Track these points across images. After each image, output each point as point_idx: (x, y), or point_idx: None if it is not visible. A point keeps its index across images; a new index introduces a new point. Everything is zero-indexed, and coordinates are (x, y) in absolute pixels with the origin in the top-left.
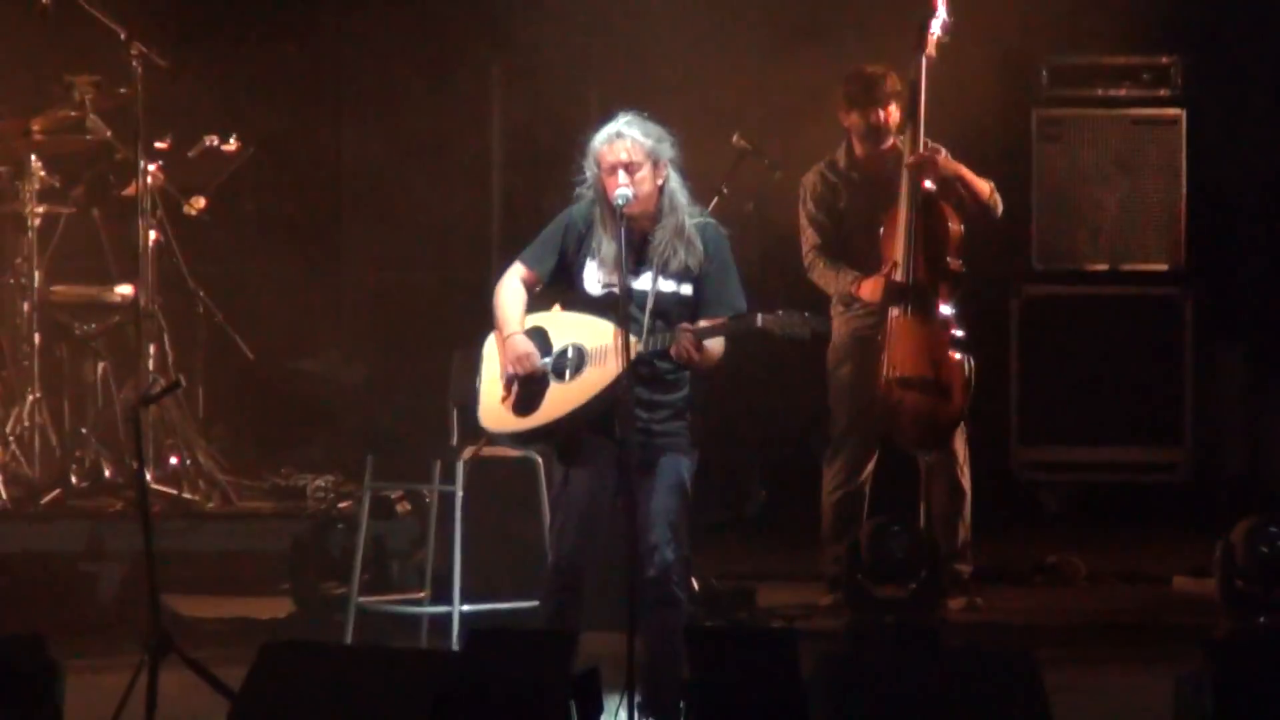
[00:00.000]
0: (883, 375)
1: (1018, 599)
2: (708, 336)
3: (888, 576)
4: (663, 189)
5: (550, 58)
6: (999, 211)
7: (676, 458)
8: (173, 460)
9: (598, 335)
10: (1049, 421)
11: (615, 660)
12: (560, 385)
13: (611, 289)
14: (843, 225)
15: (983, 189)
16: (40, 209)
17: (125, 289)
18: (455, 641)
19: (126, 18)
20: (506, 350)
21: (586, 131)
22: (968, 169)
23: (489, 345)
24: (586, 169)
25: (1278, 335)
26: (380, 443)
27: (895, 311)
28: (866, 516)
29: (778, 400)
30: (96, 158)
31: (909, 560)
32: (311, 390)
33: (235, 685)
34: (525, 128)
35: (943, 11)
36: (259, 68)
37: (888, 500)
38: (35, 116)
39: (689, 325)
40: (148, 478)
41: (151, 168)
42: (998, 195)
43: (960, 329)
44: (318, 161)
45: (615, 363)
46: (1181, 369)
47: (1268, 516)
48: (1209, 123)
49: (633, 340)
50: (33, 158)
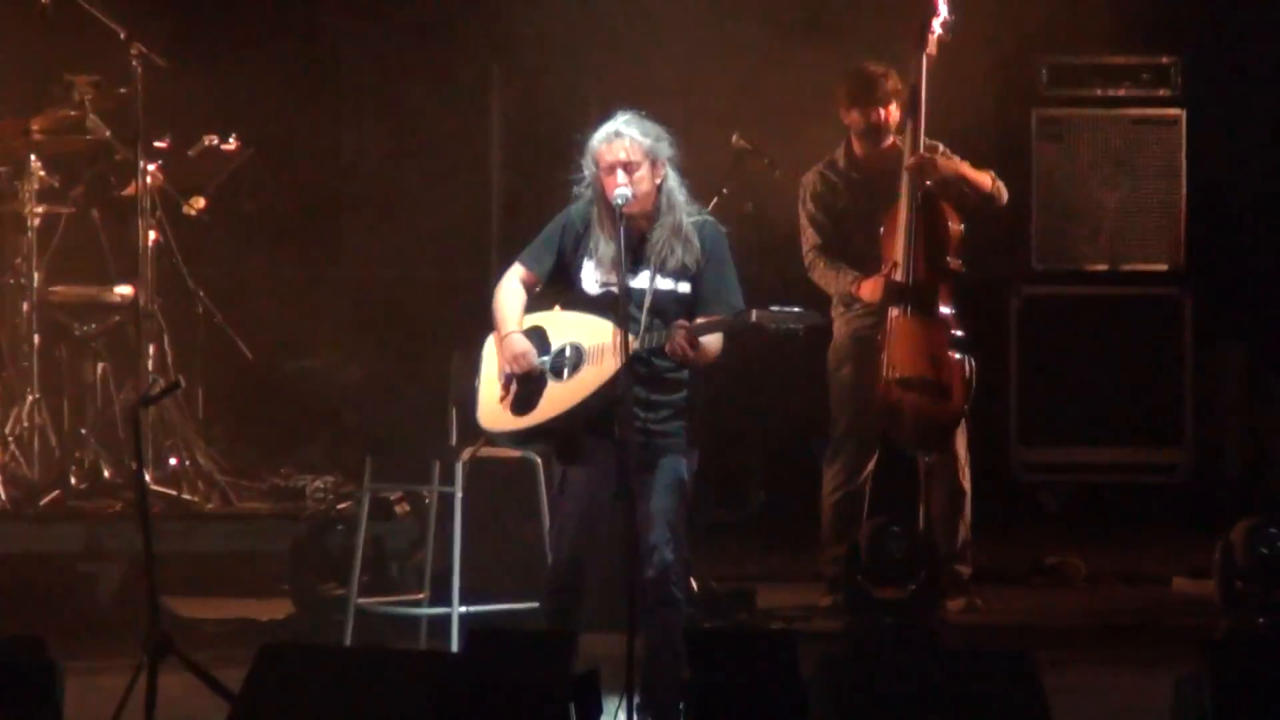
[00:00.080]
0: (883, 375)
1: (1017, 600)
2: (702, 333)
3: (887, 578)
4: (660, 188)
5: (550, 58)
6: (1004, 198)
7: (676, 458)
8: (172, 461)
9: (595, 334)
10: (1049, 422)
11: (615, 661)
12: (558, 384)
13: (609, 288)
14: (843, 225)
15: (984, 181)
16: (40, 209)
17: (125, 289)
18: (455, 642)
19: (126, 17)
20: (504, 349)
21: (586, 131)
22: (966, 163)
23: (488, 346)
24: (584, 168)
25: (1278, 335)
26: (379, 443)
27: (895, 311)
28: (866, 517)
29: (778, 401)
30: (96, 158)
31: (908, 561)
32: (311, 390)
33: (235, 686)
34: (525, 128)
35: (944, 10)
36: (259, 68)
37: (887, 501)
38: (35, 116)
39: (684, 322)
40: (147, 478)
41: (151, 168)
42: (1000, 183)
43: (960, 329)
44: (318, 161)
45: (612, 361)
46: (1181, 369)
47: (1268, 517)
48: (1209, 123)
49: (630, 338)
50: (32, 158)
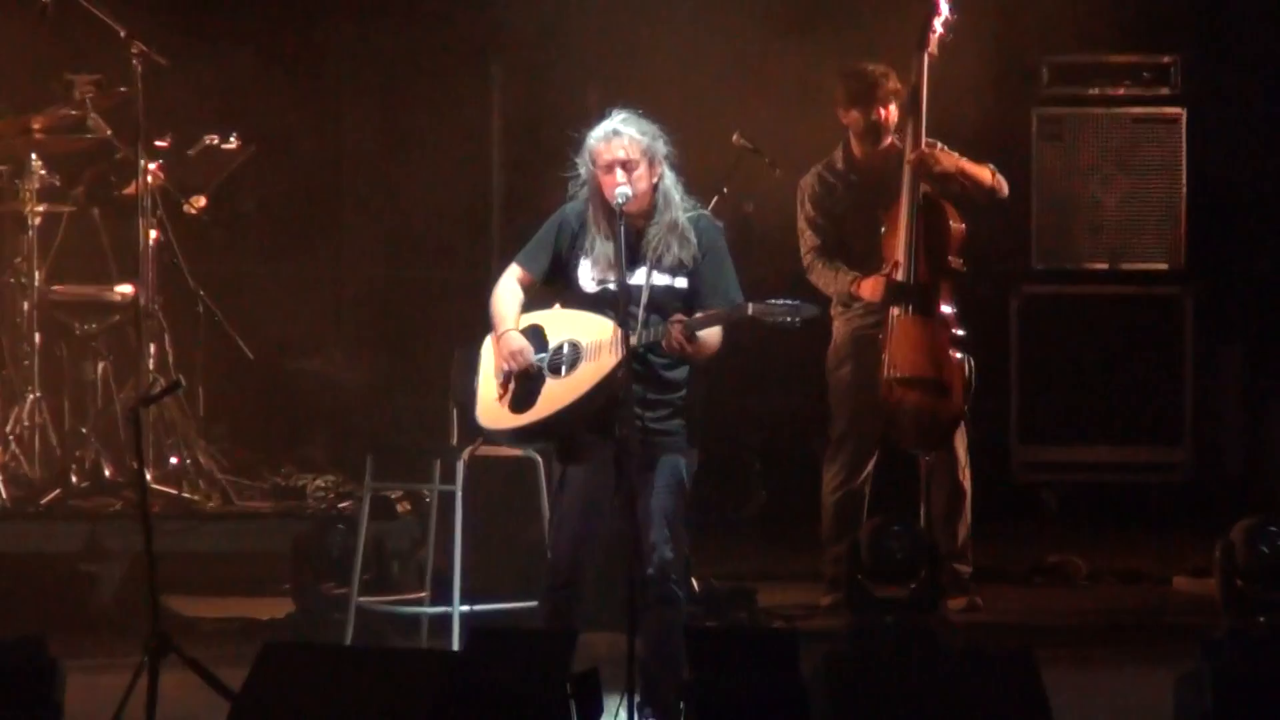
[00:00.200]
0: (883, 375)
1: (1018, 599)
2: (699, 327)
3: (888, 577)
4: (657, 186)
5: (550, 58)
6: (1005, 191)
7: (675, 457)
8: (173, 460)
9: (593, 331)
10: (1049, 421)
11: (614, 660)
12: (556, 381)
13: (606, 285)
14: (842, 227)
15: (984, 176)
16: (40, 208)
17: (125, 288)
18: (455, 641)
19: (126, 16)
20: (501, 347)
21: (584, 130)
22: (966, 160)
23: (486, 346)
24: (581, 167)
25: (1278, 335)
26: (380, 443)
27: (896, 311)
28: (866, 517)
29: (778, 401)
30: (97, 157)
31: (909, 560)
32: (312, 390)
33: (235, 685)
34: (525, 128)
35: (945, 9)
36: (259, 67)
37: (888, 500)
38: (35, 115)
39: (680, 316)
40: (148, 477)
41: (152, 167)
42: (1000, 176)
43: (961, 328)
44: (318, 161)
45: (610, 356)
46: (1181, 369)
47: (1268, 516)
48: (1209, 122)
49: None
50: (33, 157)
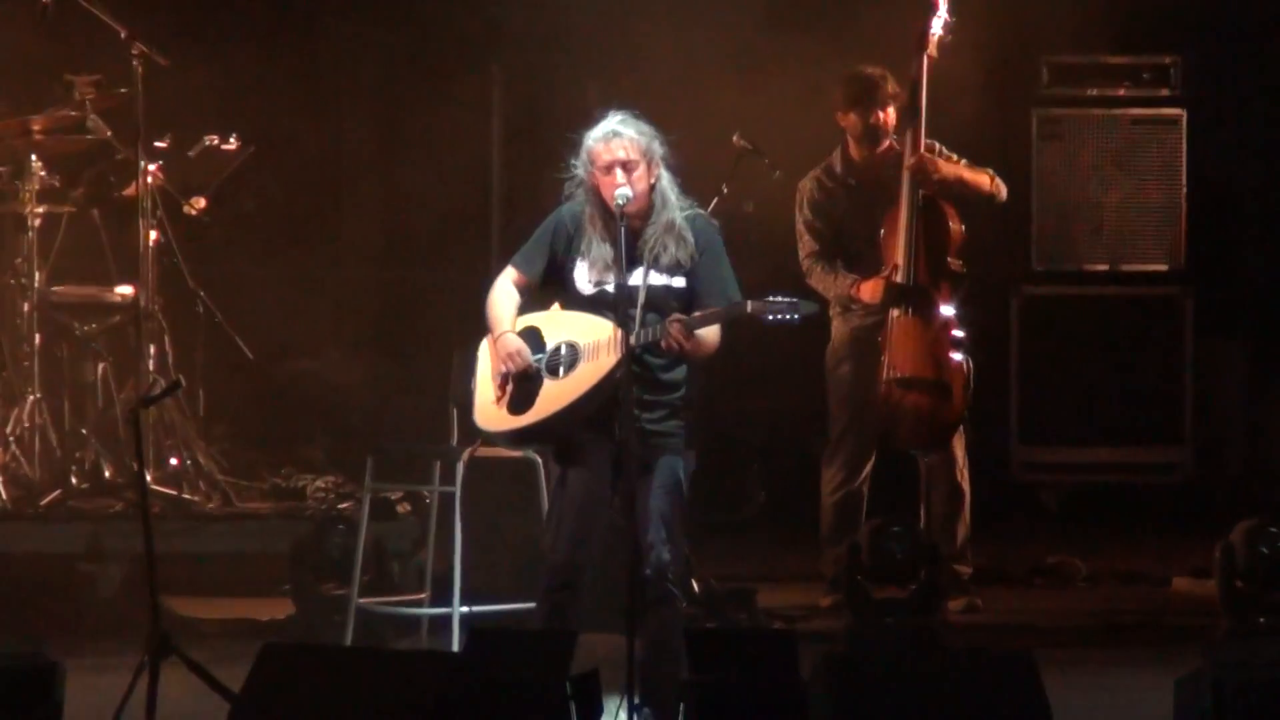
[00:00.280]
0: (883, 376)
1: (1017, 600)
2: (697, 326)
3: (888, 577)
4: (654, 186)
5: (550, 58)
6: (1003, 196)
7: (673, 457)
8: (173, 461)
9: (591, 331)
10: (1049, 421)
11: (613, 661)
12: (554, 382)
13: (603, 287)
14: (841, 232)
15: (982, 182)
16: (40, 209)
17: (125, 289)
18: (455, 642)
19: (126, 17)
20: (497, 349)
21: (581, 131)
22: (964, 165)
23: (483, 348)
24: (579, 168)
25: (1278, 335)
26: (380, 443)
27: (895, 312)
28: (866, 517)
29: (778, 401)
30: (97, 157)
31: (909, 561)
32: (312, 390)
33: (235, 686)
34: (525, 128)
35: (944, 11)
36: (259, 67)
37: (887, 501)
38: (36, 116)
39: (678, 315)
40: (148, 478)
41: (152, 167)
42: (999, 181)
43: (961, 329)
44: (318, 161)
45: (608, 357)
46: (1181, 369)
47: (1268, 517)
48: (1209, 123)
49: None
50: (33, 157)
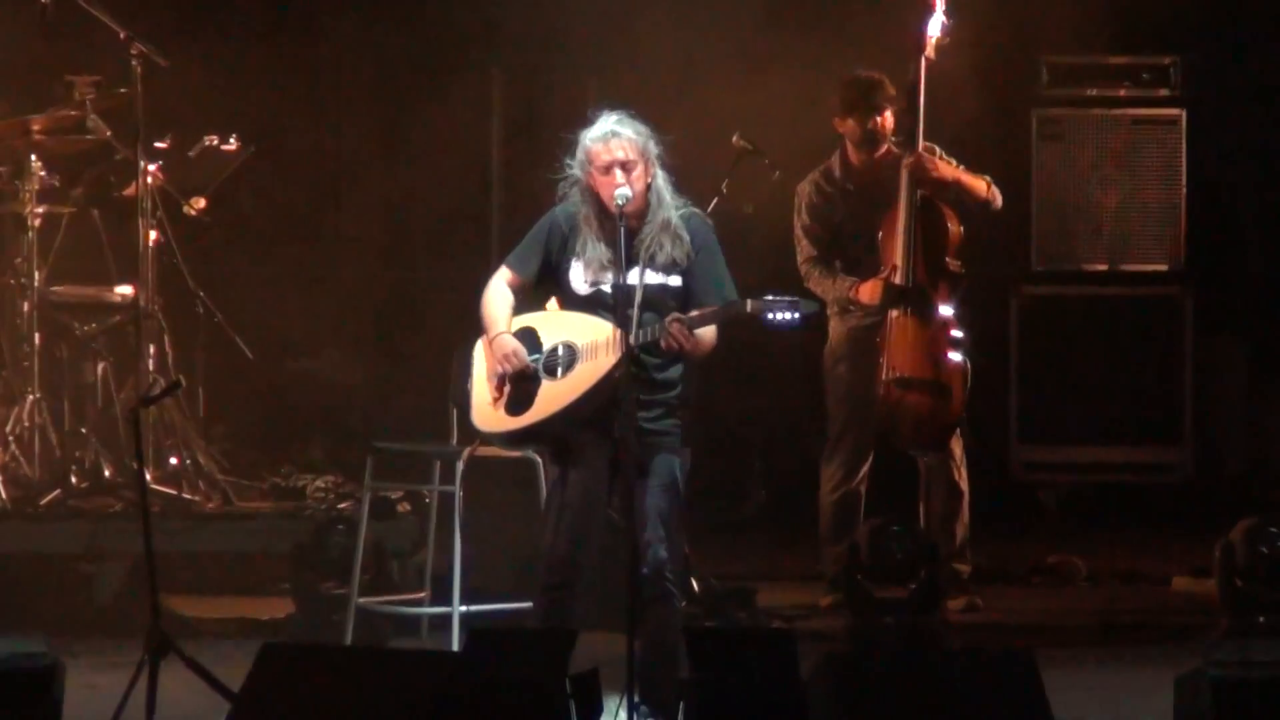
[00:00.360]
0: (882, 377)
1: (1017, 599)
2: (696, 325)
3: (887, 577)
4: (650, 185)
5: (550, 58)
6: (999, 204)
7: (669, 456)
8: (173, 460)
9: (588, 332)
10: (1049, 421)
11: (611, 660)
12: (552, 383)
13: (599, 287)
14: (840, 236)
15: (979, 187)
16: (40, 209)
17: (125, 289)
18: (455, 641)
19: (126, 17)
20: (494, 350)
21: (578, 133)
22: (963, 169)
23: (478, 349)
24: (576, 168)
25: (1278, 335)
26: (379, 443)
27: (894, 312)
28: (865, 517)
29: (777, 400)
30: (97, 158)
31: (909, 560)
32: (312, 390)
33: (235, 685)
34: (525, 127)
35: (941, 13)
36: (259, 68)
37: (886, 501)
38: (35, 116)
39: (678, 315)
40: (148, 478)
41: (152, 168)
42: (995, 189)
43: (959, 329)
44: (318, 161)
45: (606, 357)
46: (1181, 369)
47: (1268, 516)
48: (1209, 123)
49: (622, 335)
50: (33, 158)
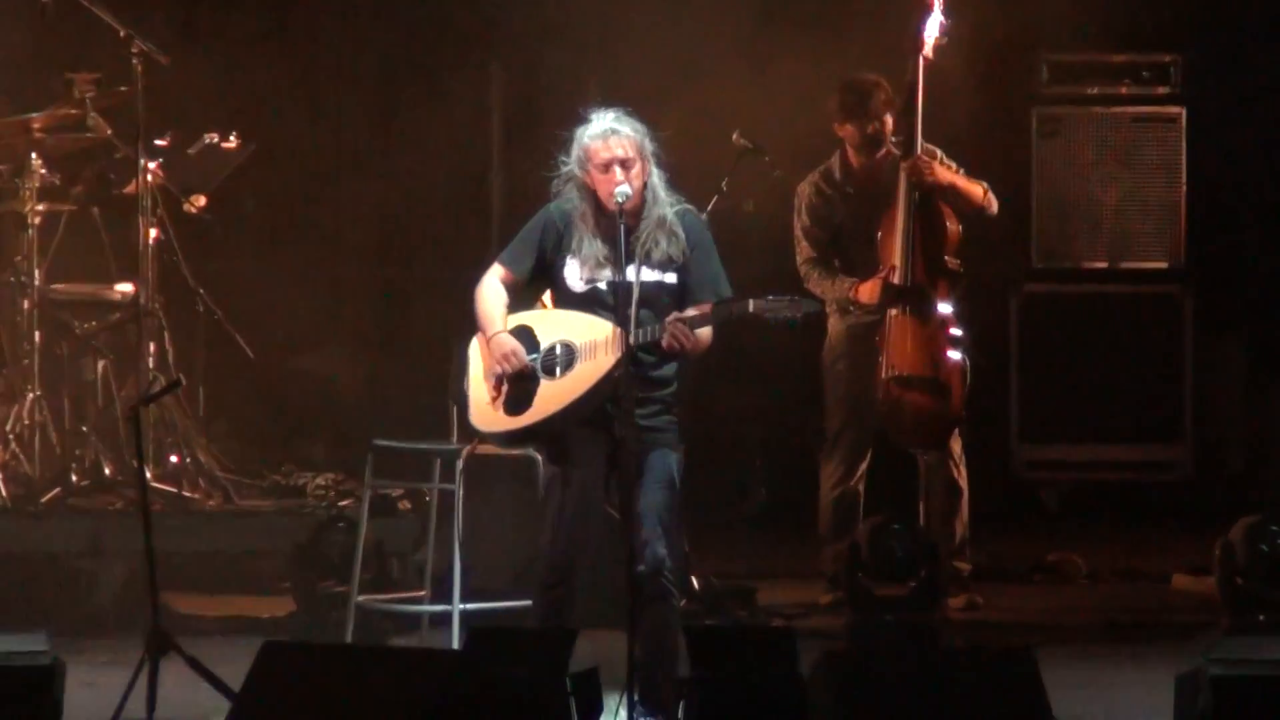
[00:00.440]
0: (881, 375)
1: (1018, 597)
2: (698, 325)
3: (888, 575)
4: (646, 183)
5: (550, 56)
6: (994, 210)
7: (665, 453)
8: (173, 459)
9: (586, 330)
10: (1049, 420)
11: (607, 658)
12: (551, 382)
13: (595, 284)
14: (839, 238)
15: (975, 192)
16: (40, 207)
17: (126, 287)
18: (456, 640)
19: (127, 15)
20: (492, 350)
21: (574, 130)
22: (961, 175)
23: (473, 348)
24: (575, 165)
25: (1278, 333)
26: (380, 441)
27: (894, 311)
28: (865, 515)
29: (777, 400)
30: (97, 156)
31: (909, 559)
32: (312, 388)
33: (235, 683)
34: (524, 126)
35: (939, 13)
36: (259, 66)
37: (886, 499)
38: (36, 114)
39: (679, 314)
40: (148, 476)
41: (152, 165)
42: (991, 195)
43: (959, 328)
44: (318, 159)
45: (606, 356)
46: (1181, 367)
47: (1268, 515)
48: (1209, 122)
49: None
50: (33, 156)
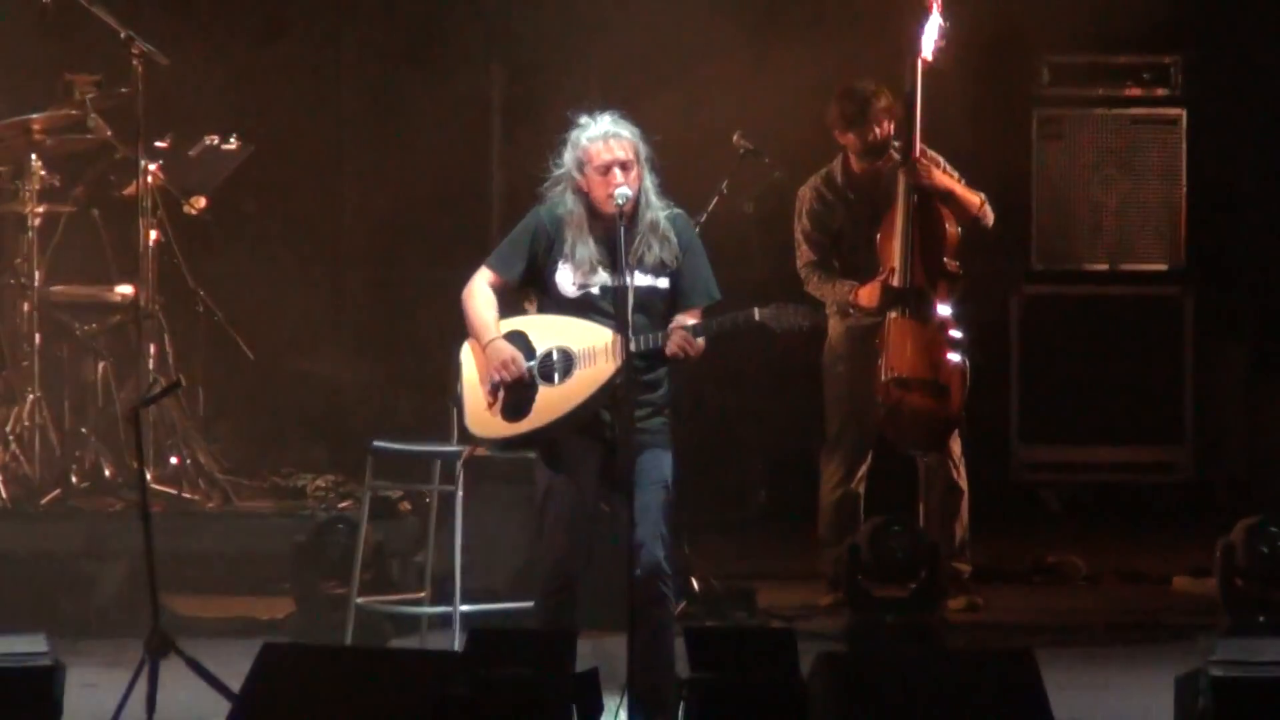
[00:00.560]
0: (881, 377)
1: (1017, 598)
2: (705, 334)
3: (888, 576)
4: (641, 186)
5: (550, 57)
6: (989, 223)
7: (657, 453)
8: (173, 460)
9: (583, 337)
10: (1049, 421)
11: (606, 659)
12: (551, 389)
13: (587, 289)
14: (840, 243)
15: (972, 202)
16: (40, 208)
17: (126, 289)
18: (456, 641)
19: (127, 17)
20: (489, 357)
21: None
22: (959, 183)
23: (465, 353)
24: (573, 168)
25: (1278, 335)
26: (379, 443)
27: (893, 313)
28: (865, 516)
29: (777, 400)
30: (97, 157)
31: (909, 560)
32: (312, 389)
33: (235, 685)
34: (525, 127)
35: (937, 16)
36: (259, 67)
37: (885, 500)
38: (36, 116)
39: (683, 320)
40: (148, 477)
41: (152, 167)
42: (988, 207)
43: (958, 329)
44: (318, 161)
45: (607, 363)
46: (1181, 369)
47: (1268, 516)
48: (1209, 123)
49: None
50: (33, 157)
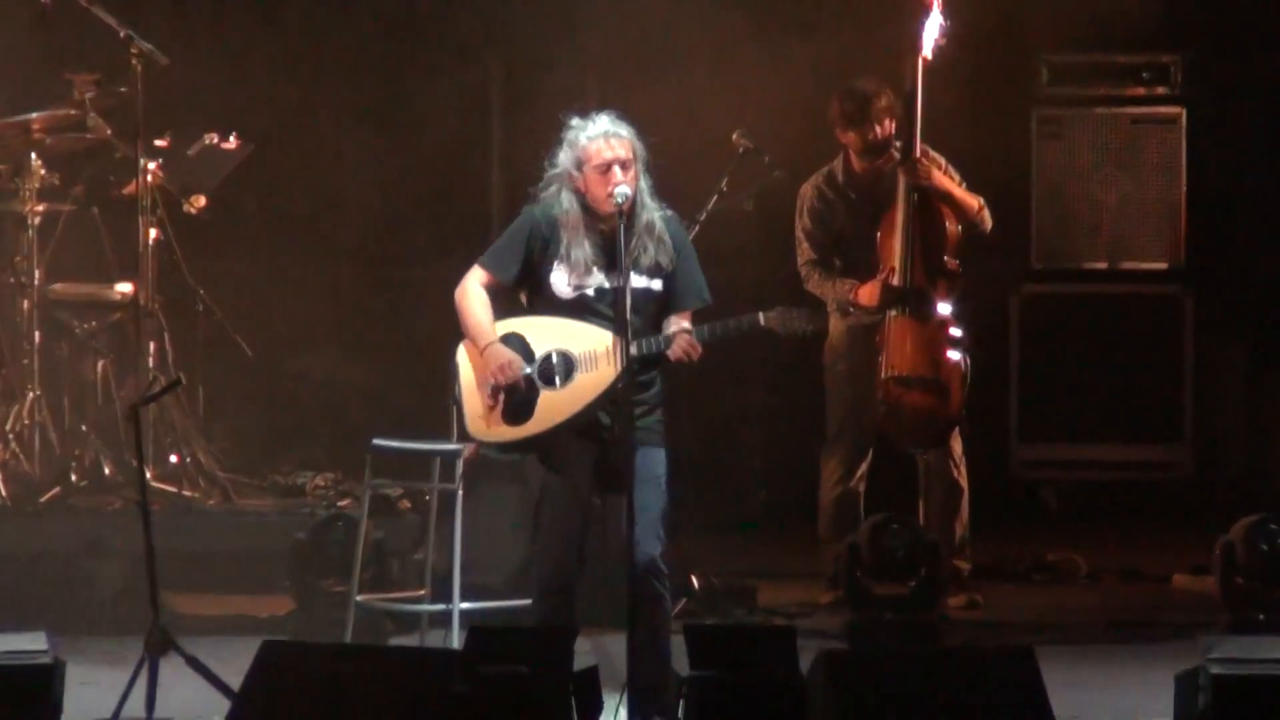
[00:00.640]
0: (881, 376)
1: (1017, 597)
2: (708, 338)
3: (888, 574)
4: (637, 186)
5: (550, 55)
6: (987, 227)
7: (650, 450)
8: (173, 458)
9: (582, 339)
10: (1049, 420)
11: (604, 657)
12: (553, 392)
13: (583, 291)
14: (840, 242)
15: (971, 205)
16: (40, 207)
17: (125, 287)
18: (456, 640)
19: (126, 16)
20: (487, 360)
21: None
22: (958, 185)
23: (461, 355)
24: (571, 167)
25: (1277, 333)
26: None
27: (893, 311)
28: (865, 514)
29: (777, 400)
30: (96, 156)
31: (909, 558)
32: (312, 388)
33: (235, 683)
34: (525, 126)
35: (938, 14)
36: (259, 66)
37: (885, 499)
38: (35, 115)
39: (686, 325)
40: (148, 475)
41: (151, 166)
42: (986, 211)
43: (958, 328)
44: (317, 159)
45: (609, 367)
46: (1181, 367)
47: (1268, 515)
48: (1209, 122)
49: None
50: (33, 156)
